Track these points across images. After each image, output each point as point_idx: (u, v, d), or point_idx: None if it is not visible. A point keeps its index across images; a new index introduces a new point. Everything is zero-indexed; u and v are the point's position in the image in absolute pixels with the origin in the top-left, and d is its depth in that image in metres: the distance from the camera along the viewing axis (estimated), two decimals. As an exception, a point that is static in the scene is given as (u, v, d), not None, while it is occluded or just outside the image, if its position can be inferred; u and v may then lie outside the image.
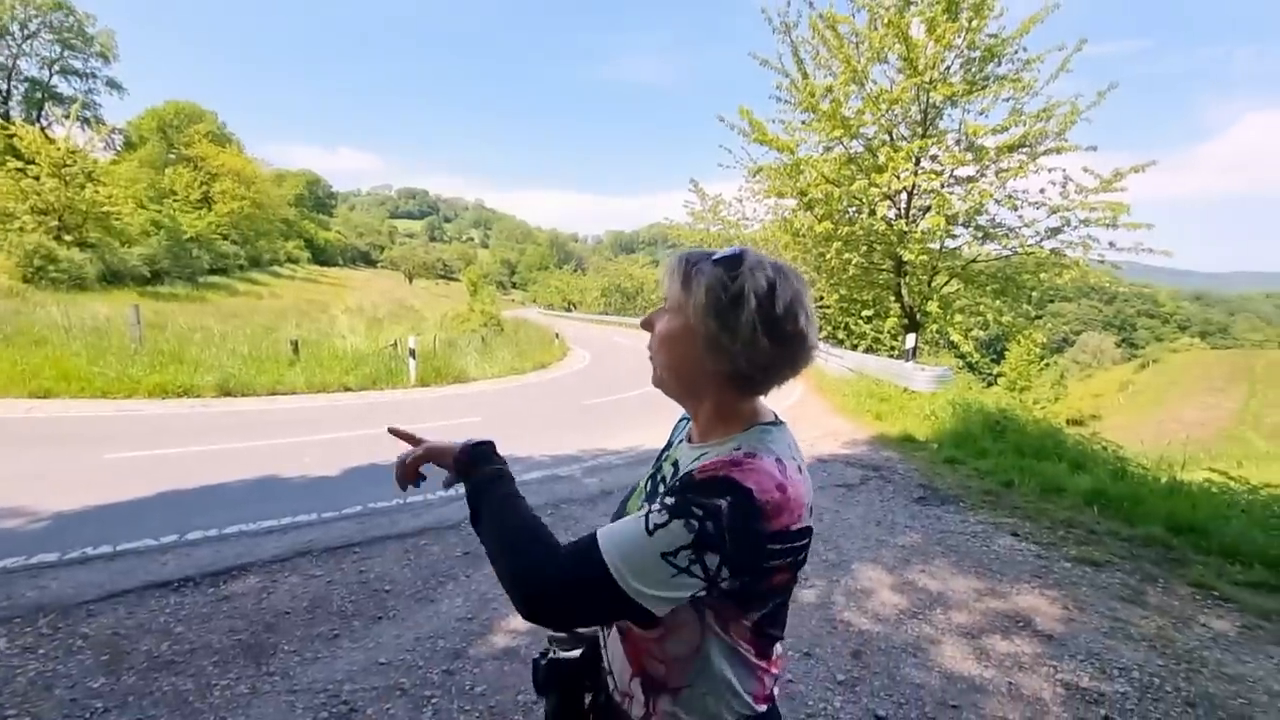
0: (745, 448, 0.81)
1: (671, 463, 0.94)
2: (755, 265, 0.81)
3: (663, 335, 0.86)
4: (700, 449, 0.87)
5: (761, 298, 0.79)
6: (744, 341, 0.79)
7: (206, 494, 4.82)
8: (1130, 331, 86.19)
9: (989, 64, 11.85)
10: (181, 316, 22.02)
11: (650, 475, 0.99)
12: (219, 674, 2.57)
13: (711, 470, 0.76)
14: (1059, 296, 14.52)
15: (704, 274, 0.82)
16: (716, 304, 0.80)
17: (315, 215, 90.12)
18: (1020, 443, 6.83)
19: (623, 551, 0.75)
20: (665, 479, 0.92)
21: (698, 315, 0.81)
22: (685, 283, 0.83)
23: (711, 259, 0.84)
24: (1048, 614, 3.32)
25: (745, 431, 0.85)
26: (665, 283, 0.87)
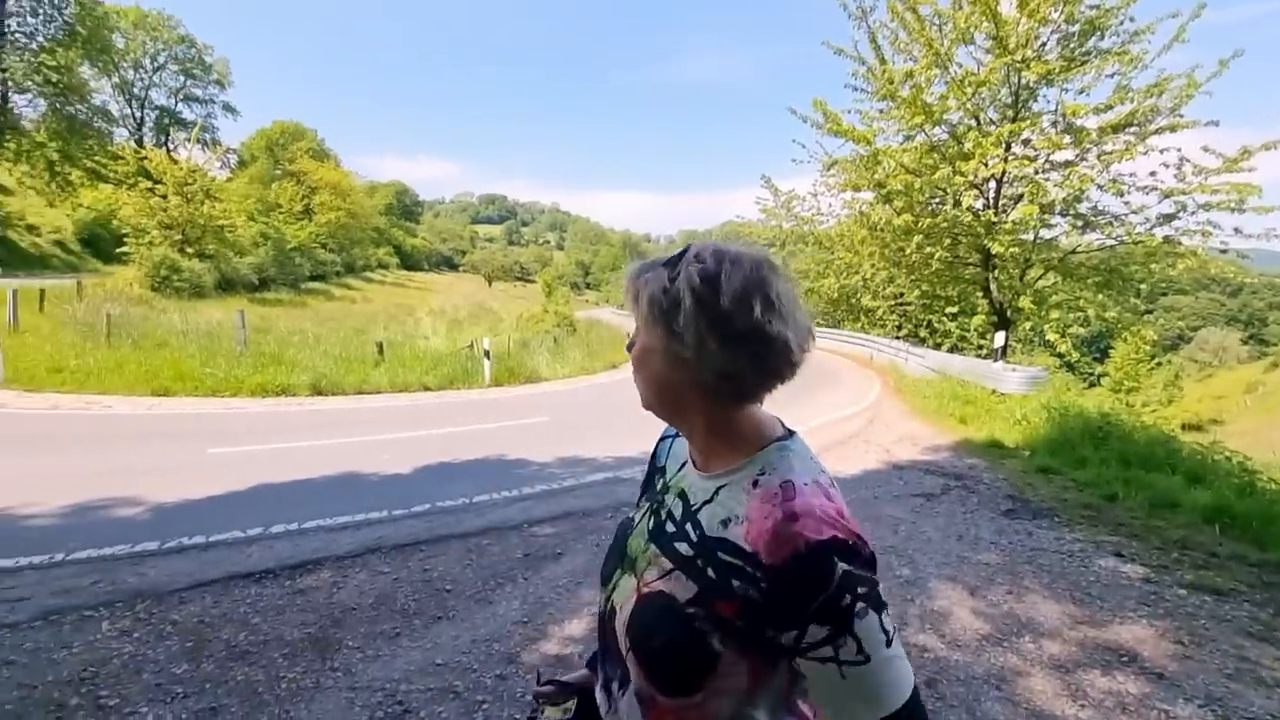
0: (773, 477, 0.72)
1: (677, 494, 0.84)
2: (693, 258, 0.72)
3: (634, 357, 0.78)
4: (714, 479, 0.77)
5: (699, 293, 0.69)
6: (693, 348, 0.70)
7: (293, 489, 5.12)
8: (1259, 327, 76.98)
9: (1090, 38, 10.88)
10: (283, 320, 23.75)
11: (650, 510, 0.88)
12: (287, 666, 2.69)
13: (787, 540, 0.66)
14: (1173, 289, 13.16)
15: (649, 282, 0.74)
16: (659, 310, 0.72)
17: (403, 223, 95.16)
18: (1126, 451, 6.19)
19: (902, 689, 0.67)
20: (675, 514, 0.81)
21: (647, 327, 0.74)
22: (635, 297, 0.75)
23: (660, 263, 0.76)
24: (1158, 649, 2.96)
25: (761, 451, 0.75)
26: (630, 302, 0.78)
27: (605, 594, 0.86)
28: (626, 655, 0.78)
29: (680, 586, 0.73)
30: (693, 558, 0.74)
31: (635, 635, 0.76)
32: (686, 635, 0.71)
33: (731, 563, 0.70)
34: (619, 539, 0.90)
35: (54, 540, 3.86)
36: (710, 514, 0.75)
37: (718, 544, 0.72)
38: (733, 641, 0.69)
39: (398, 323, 31.91)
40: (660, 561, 0.78)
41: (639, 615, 0.76)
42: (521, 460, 6.22)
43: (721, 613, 0.69)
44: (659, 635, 0.73)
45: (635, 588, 0.79)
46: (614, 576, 0.85)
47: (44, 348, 10.25)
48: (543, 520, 4.54)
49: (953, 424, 8.52)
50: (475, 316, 44.49)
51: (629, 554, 0.84)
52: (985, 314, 13.75)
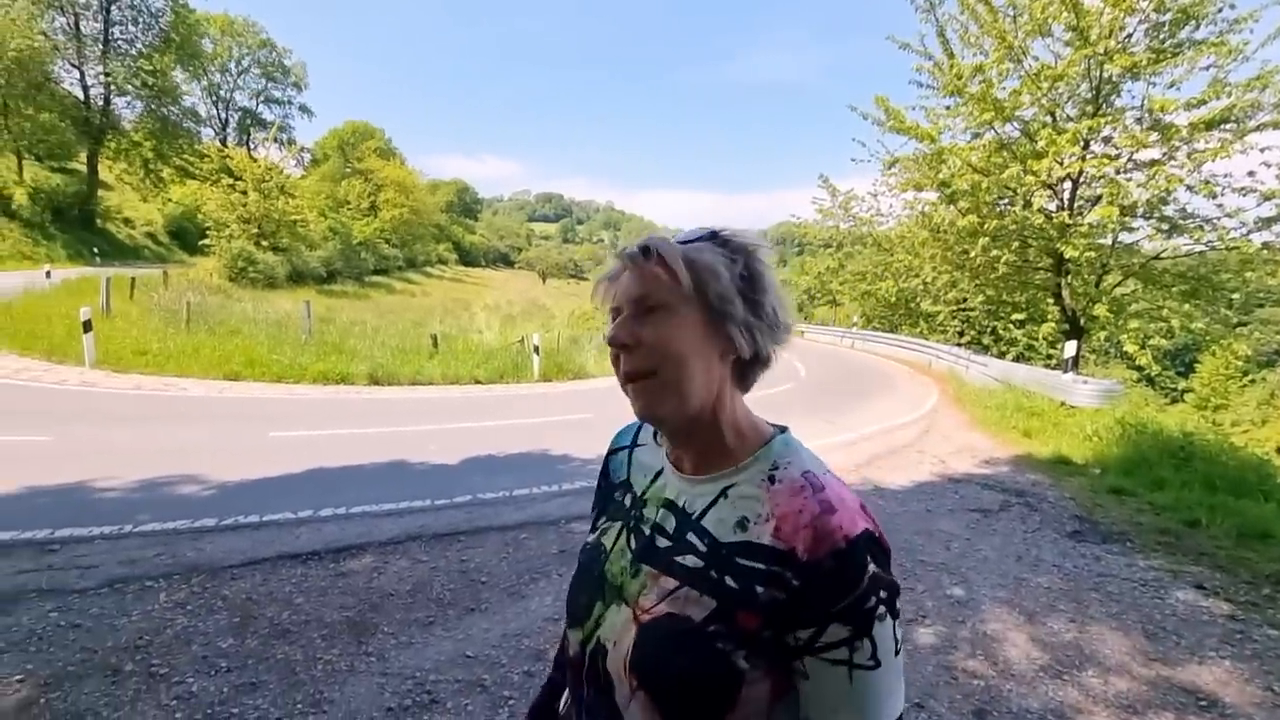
0: (792, 468, 0.68)
1: (661, 505, 0.76)
2: (741, 243, 0.71)
3: (671, 339, 0.67)
4: (714, 481, 0.71)
5: (755, 274, 0.70)
6: (740, 325, 0.68)
7: (343, 474, 5.28)
8: (1376, 343, 70.30)
9: (1183, 28, 10.11)
10: (346, 312, 24.78)
11: (625, 529, 0.79)
12: (325, 648, 2.75)
13: (825, 534, 0.62)
14: (1272, 300, 12.10)
15: (701, 253, 0.69)
16: (716, 286, 0.67)
17: (463, 220, 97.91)
18: (1212, 474, 5.70)
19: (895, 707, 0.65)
20: (666, 528, 0.73)
21: (685, 300, 0.67)
22: (678, 266, 0.67)
23: (700, 239, 0.71)
24: (1242, 695, 2.69)
25: (765, 446, 0.71)
26: (638, 280, 0.69)
27: (583, 633, 0.75)
28: (632, 696, 0.68)
29: (693, 604, 0.66)
30: (704, 569, 0.67)
31: (645, 670, 0.66)
32: (708, 659, 0.64)
33: (754, 567, 0.64)
34: (588, 569, 0.80)
35: (124, 512, 4.10)
36: (719, 518, 0.69)
37: (735, 549, 0.66)
38: (758, 658, 0.63)
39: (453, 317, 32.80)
40: (661, 582, 0.70)
41: (647, 646, 0.67)
42: (564, 456, 6.24)
43: (745, 626, 0.64)
44: (675, 664, 0.65)
45: (631, 617, 0.70)
46: (593, 611, 0.75)
47: (131, 332, 10.97)
48: (580, 517, 4.53)
49: (1015, 437, 8.07)
50: (528, 312, 45.27)
51: (610, 582, 0.75)
52: (1056, 322, 13.00)
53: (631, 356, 0.69)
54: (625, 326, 0.69)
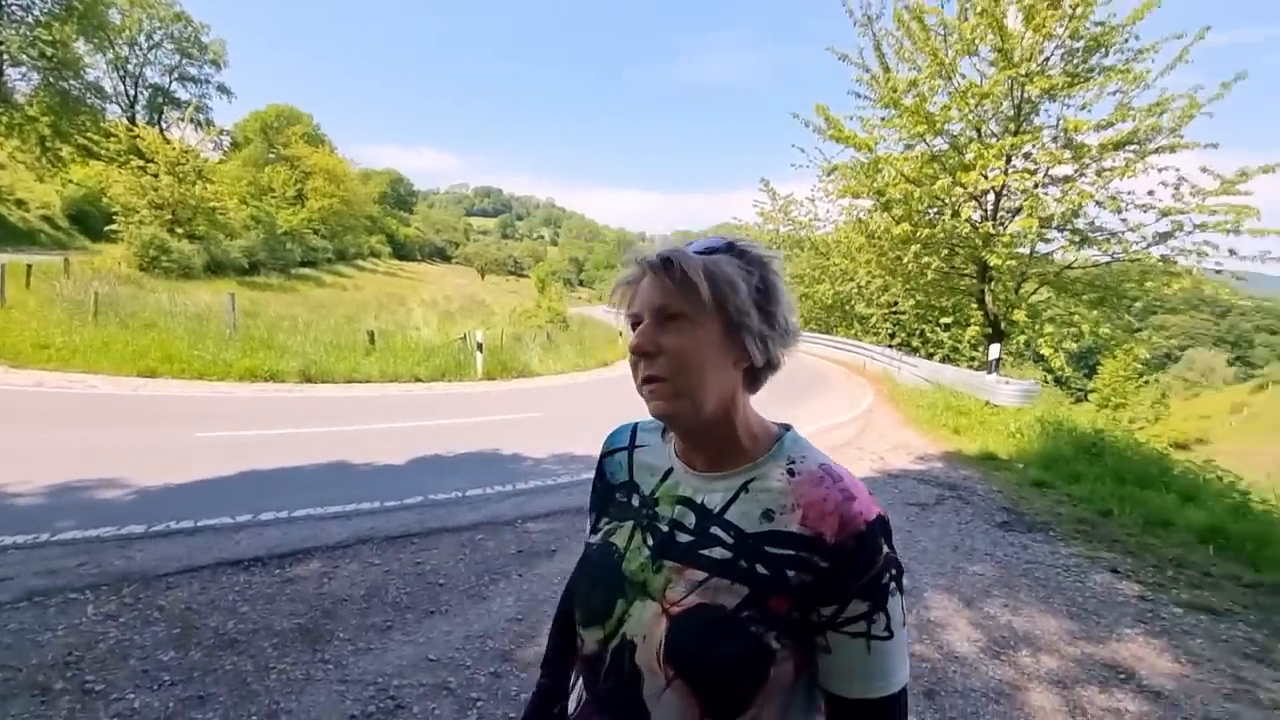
0: (808, 462, 0.74)
1: (677, 502, 0.78)
2: (757, 253, 0.75)
3: (691, 348, 0.71)
4: (733, 476, 0.75)
5: (771, 285, 0.74)
6: (755, 334, 0.72)
7: (282, 476, 5.03)
8: (1246, 349, 78.21)
9: (1094, 54, 10.95)
10: (273, 305, 23.54)
11: (640, 528, 0.81)
12: (277, 657, 2.62)
13: (849, 519, 0.68)
14: (1164, 308, 13.30)
15: (720, 265, 0.71)
16: (734, 295, 0.71)
17: (397, 212, 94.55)
18: (1120, 468, 6.22)
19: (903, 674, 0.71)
20: (685, 524, 0.76)
21: (704, 309, 0.70)
22: (696, 276, 0.70)
23: (711, 249, 0.74)
24: (1156, 667, 2.95)
25: (777, 443, 0.77)
26: (658, 289, 0.72)
27: (604, 632, 0.76)
28: (667, 686, 0.70)
29: (725, 593, 0.70)
30: (733, 560, 0.71)
31: (682, 659, 0.69)
32: (743, 642, 0.68)
33: (784, 554, 0.69)
34: (602, 568, 0.81)
35: (39, 519, 3.76)
36: (743, 511, 0.73)
37: (764, 538, 0.71)
38: (787, 637, 0.68)
39: (389, 312, 31.70)
40: (688, 575, 0.73)
41: (682, 636, 0.70)
42: (515, 455, 6.16)
43: (776, 609, 0.68)
44: (713, 650, 0.68)
45: (660, 611, 0.72)
46: (614, 609, 0.76)
47: (30, 324, 10.04)
48: (537, 516, 4.49)
49: (946, 434, 8.54)
50: (467, 309, 44.29)
51: (631, 580, 0.76)
52: (979, 326, 13.82)
53: (652, 363, 0.72)
54: (647, 334, 0.72)
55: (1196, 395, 56.26)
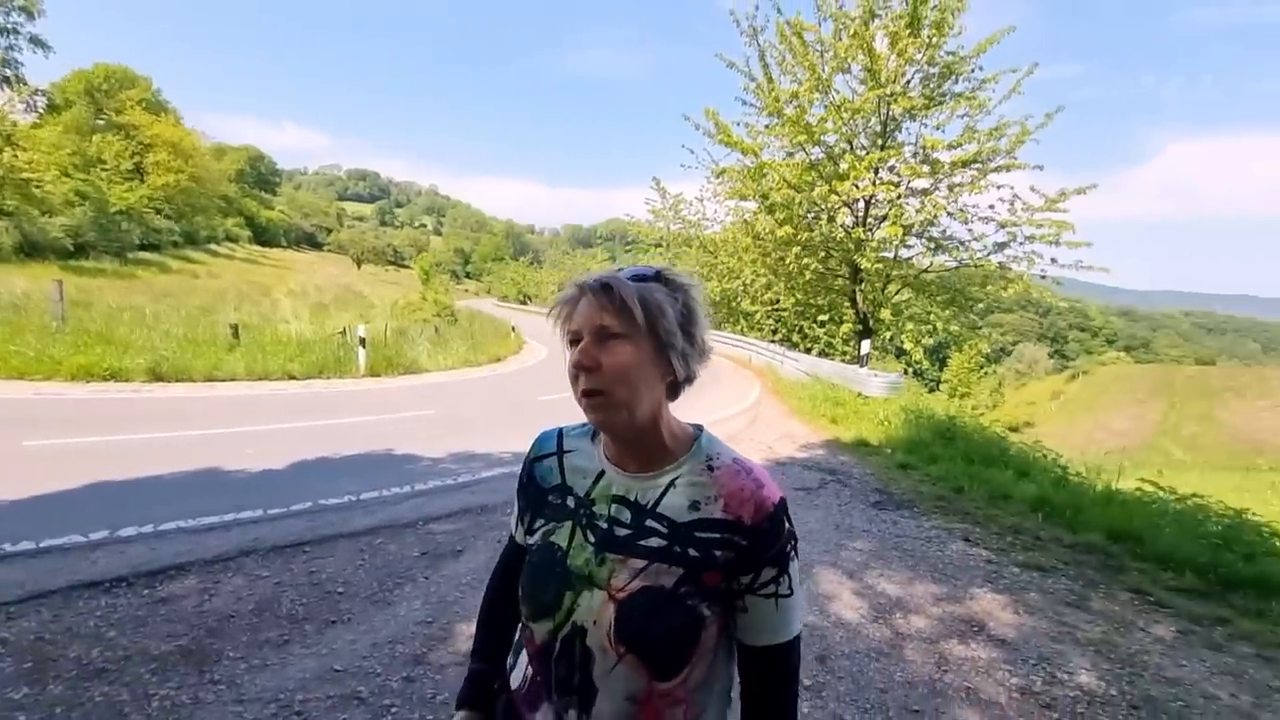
0: (723, 458, 0.87)
1: (612, 500, 0.88)
2: (681, 281, 0.86)
3: (628, 365, 0.80)
4: (661, 475, 0.87)
5: (693, 309, 0.85)
6: (679, 352, 0.83)
7: (141, 487, 4.51)
8: (1063, 344, 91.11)
9: (947, 80, 12.25)
10: (109, 294, 20.74)
11: (579, 527, 0.89)
12: (158, 682, 2.39)
13: (761, 504, 0.82)
14: (999, 308, 15.21)
15: (650, 292, 0.82)
16: (660, 319, 0.81)
17: (258, 193, 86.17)
18: (969, 450, 7.08)
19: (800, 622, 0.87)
20: (622, 519, 0.86)
21: (637, 330, 0.80)
22: (628, 302, 0.80)
23: (642, 277, 0.84)
24: (1000, 619, 3.44)
25: (696, 444, 0.89)
26: (597, 310, 0.81)
27: (554, 622, 0.85)
28: (619, 661, 0.80)
29: (665, 575, 0.82)
30: (668, 546, 0.83)
31: (631, 636, 0.80)
32: (683, 614, 0.81)
33: (711, 537, 0.82)
34: (547, 566, 0.89)
35: None
36: (674, 504, 0.85)
37: (693, 525, 0.83)
38: (715, 604, 0.83)
39: (251, 303, 29.00)
40: (630, 564, 0.83)
41: (629, 616, 0.81)
42: (411, 455, 5.91)
43: (709, 583, 0.82)
44: (658, 624, 0.80)
45: (607, 598, 0.83)
46: (563, 601, 0.85)
47: None
48: (439, 517, 4.37)
49: (825, 424, 9.24)
50: (343, 301, 41.44)
51: (576, 573, 0.85)
52: (852, 323, 15.03)
53: (591, 377, 0.81)
54: (588, 352, 0.81)
55: (1025, 384, 64.61)
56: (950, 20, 11.44)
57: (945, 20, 11.39)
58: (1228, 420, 41.34)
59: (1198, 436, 39.05)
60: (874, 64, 11.75)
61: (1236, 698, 2.77)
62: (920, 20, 11.38)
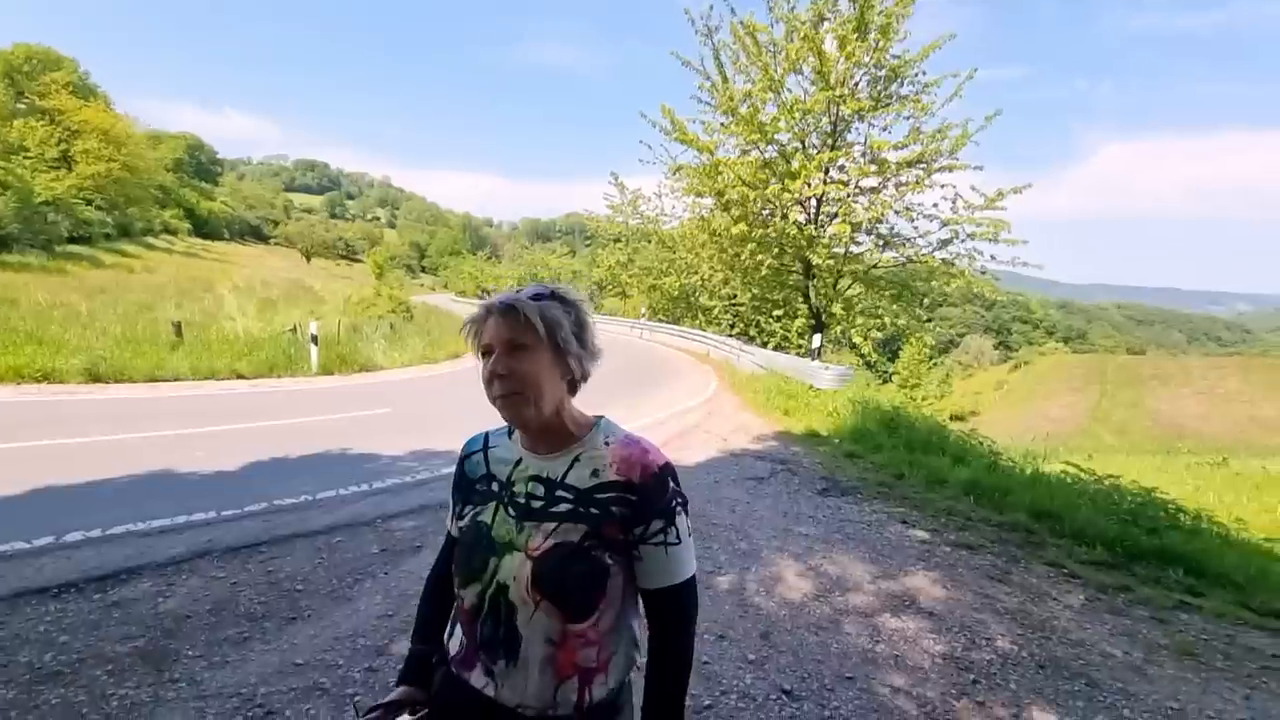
0: (617, 435, 1.05)
1: (529, 479, 1.04)
2: (572, 298, 1.04)
3: (534, 370, 0.97)
4: (567, 454, 1.04)
5: (583, 322, 1.03)
6: (575, 357, 1.01)
7: (87, 491, 4.41)
8: (1007, 335, 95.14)
9: (893, 83, 12.71)
10: (37, 290, 19.61)
11: (501, 504, 1.05)
12: (115, 683, 2.42)
13: (646, 466, 1.01)
14: (946, 302, 15.90)
15: (549, 309, 0.99)
16: (558, 331, 0.98)
17: (198, 183, 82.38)
18: (911, 438, 7.45)
19: (691, 567, 1.04)
20: (537, 494, 1.02)
21: (539, 340, 0.97)
22: (532, 317, 0.96)
23: (539, 295, 1.01)
24: (929, 593, 3.71)
25: (594, 427, 1.07)
26: (505, 327, 0.97)
27: (481, 584, 1.01)
28: (536, 609, 0.97)
29: (572, 531, 0.99)
30: (574, 508, 1.00)
31: (547, 583, 0.97)
32: (589, 563, 0.98)
33: (608, 497, 0.99)
34: (475, 540, 1.04)
35: None
36: (578, 475, 1.02)
37: (593, 489, 1.00)
38: (616, 553, 0.99)
39: (193, 299, 27.80)
40: (543, 527, 1.00)
41: (545, 567, 0.98)
42: (368, 454, 5.90)
43: (609, 534, 0.99)
44: (568, 574, 0.97)
45: (525, 557, 0.99)
46: (488, 566, 1.01)
47: None
48: (398, 514, 4.42)
49: (778, 415, 9.55)
50: (292, 296, 40.03)
51: (499, 542, 1.02)
52: (805, 317, 15.46)
53: (504, 382, 0.99)
54: (501, 361, 0.97)
55: (971, 375, 67.22)
56: (895, 25, 11.88)
57: (890, 25, 11.81)
58: (1154, 406, 44.01)
59: (1127, 422, 41.45)
60: (824, 66, 12.11)
61: (1130, 654, 3.09)
62: (867, 24, 11.78)
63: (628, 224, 24.82)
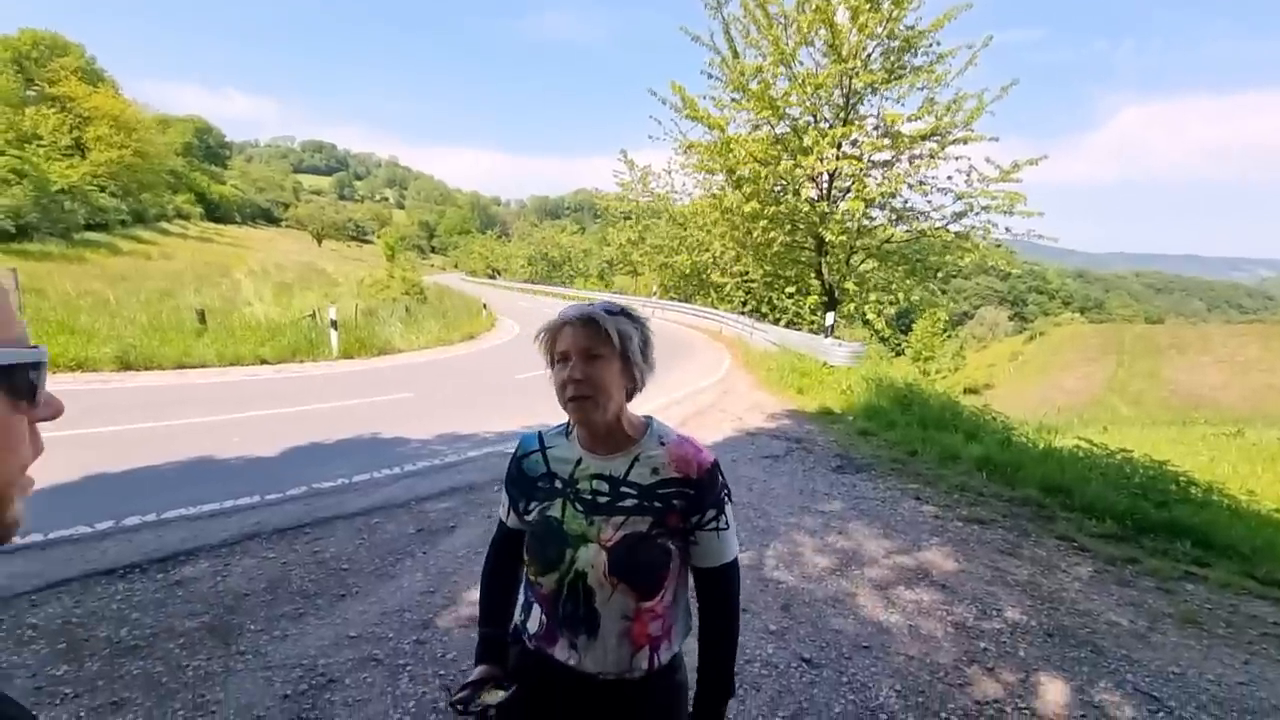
0: (669, 437, 1.21)
1: (593, 477, 1.18)
2: (638, 316, 1.19)
3: (606, 377, 1.11)
4: (626, 455, 1.18)
5: (648, 338, 1.19)
6: (640, 368, 1.16)
7: (138, 477, 4.65)
8: (1022, 305, 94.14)
9: (906, 54, 12.50)
10: (61, 279, 20.00)
11: (568, 501, 1.18)
12: (188, 655, 2.64)
13: (701, 464, 1.17)
14: (960, 275, 15.79)
15: (622, 324, 1.14)
16: (630, 345, 1.13)
17: (207, 166, 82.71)
18: (924, 415, 7.55)
19: (736, 549, 1.21)
20: (602, 490, 1.16)
21: (613, 350, 1.12)
22: (609, 331, 1.11)
23: (614, 313, 1.15)
24: (942, 566, 3.86)
25: (648, 429, 1.21)
26: (584, 336, 1.11)
27: (561, 572, 1.14)
28: (613, 592, 1.13)
29: (640, 523, 1.15)
30: (640, 502, 1.16)
31: (622, 569, 1.13)
32: (656, 549, 1.14)
33: (670, 491, 1.15)
34: (548, 533, 1.17)
35: None
36: (639, 473, 1.16)
37: (655, 485, 1.16)
38: (676, 539, 1.16)
39: (210, 284, 28.19)
40: (612, 520, 1.16)
41: (620, 555, 1.13)
42: (397, 438, 6.11)
43: (671, 524, 1.15)
44: (638, 559, 1.13)
45: (599, 548, 1.14)
46: (565, 556, 1.14)
47: None
48: (431, 496, 4.62)
49: (792, 394, 9.66)
50: (306, 279, 40.40)
51: (573, 534, 1.15)
52: (818, 294, 15.45)
53: (579, 386, 1.12)
54: (579, 368, 1.12)
55: (986, 347, 66.67)
56: (908, -6, 11.65)
57: (904, -6, 11.59)
58: (1171, 376, 43.55)
59: (1143, 393, 41.10)
60: (835, 38, 11.95)
61: (1135, 623, 3.24)
62: (880, -6, 11.57)
63: (638, 201, 24.73)
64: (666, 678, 1.20)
